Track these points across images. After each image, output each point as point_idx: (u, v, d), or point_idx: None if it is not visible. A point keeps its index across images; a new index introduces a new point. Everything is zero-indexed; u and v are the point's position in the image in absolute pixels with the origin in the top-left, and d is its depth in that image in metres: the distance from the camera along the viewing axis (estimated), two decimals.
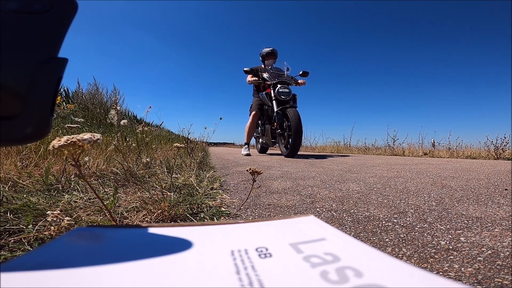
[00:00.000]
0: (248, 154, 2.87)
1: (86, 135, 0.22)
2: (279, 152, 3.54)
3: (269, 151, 3.94)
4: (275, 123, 2.64)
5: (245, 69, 2.91)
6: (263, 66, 3.05)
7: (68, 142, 0.21)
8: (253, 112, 3.04)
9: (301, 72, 3.01)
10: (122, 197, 0.58)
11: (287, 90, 2.63)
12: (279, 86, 2.63)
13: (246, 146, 3.05)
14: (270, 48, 3.03)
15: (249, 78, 2.97)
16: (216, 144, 15.99)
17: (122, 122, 0.57)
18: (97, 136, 0.22)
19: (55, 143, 0.21)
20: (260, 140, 3.40)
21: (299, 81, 3.01)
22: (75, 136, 0.21)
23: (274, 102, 2.62)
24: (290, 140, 2.40)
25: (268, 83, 2.77)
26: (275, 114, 2.60)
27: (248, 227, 0.15)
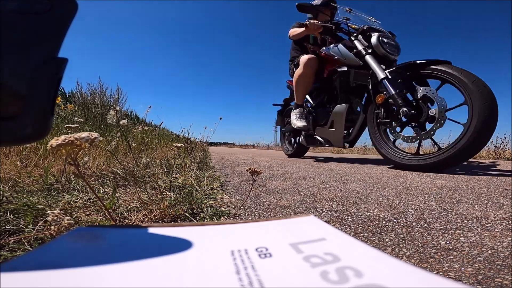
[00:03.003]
0: (305, 126, 1.81)
1: (84, 134, 0.22)
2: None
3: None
4: (380, 97, 1.38)
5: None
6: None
7: (66, 141, 0.21)
8: (308, 57, 1.74)
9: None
10: (122, 197, 0.58)
11: (394, 43, 1.51)
12: (377, 33, 1.48)
13: (299, 109, 1.87)
14: None
15: (310, 22, 1.65)
16: (216, 144, 16.02)
17: (121, 122, 0.57)
18: (95, 135, 0.22)
19: (53, 142, 0.21)
20: (301, 135, 2.11)
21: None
22: (72, 135, 0.21)
23: (370, 59, 1.43)
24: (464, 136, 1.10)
25: (354, 28, 1.64)
26: (386, 81, 1.32)
27: (248, 227, 0.15)
